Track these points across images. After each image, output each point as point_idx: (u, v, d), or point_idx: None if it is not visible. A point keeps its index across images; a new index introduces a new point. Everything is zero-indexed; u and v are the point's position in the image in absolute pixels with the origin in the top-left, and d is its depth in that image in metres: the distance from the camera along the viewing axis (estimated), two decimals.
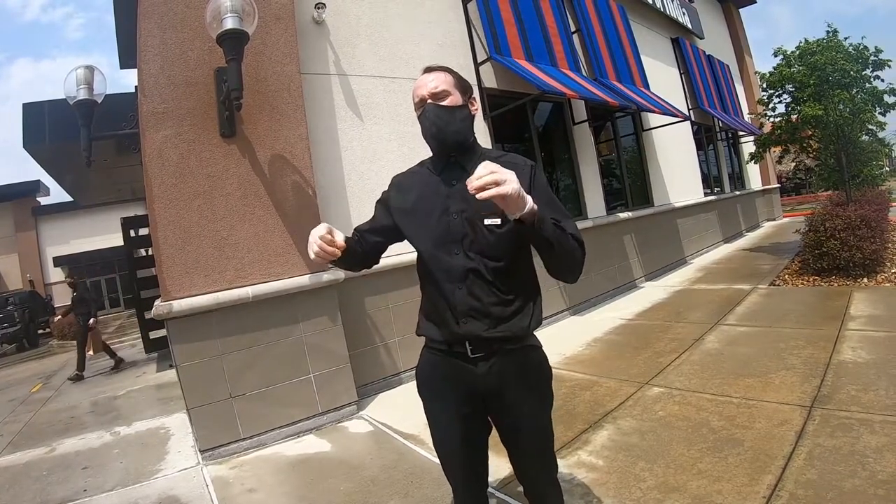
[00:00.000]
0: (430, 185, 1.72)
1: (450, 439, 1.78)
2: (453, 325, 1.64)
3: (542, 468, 1.79)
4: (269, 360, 4.03)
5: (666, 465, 2.81)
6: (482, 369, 1.65)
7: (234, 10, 3.48)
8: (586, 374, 4.48)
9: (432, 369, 1.78)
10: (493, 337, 1.62)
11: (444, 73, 1.71)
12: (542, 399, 1.75)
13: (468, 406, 1.71)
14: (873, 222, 6.60)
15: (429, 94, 1.66)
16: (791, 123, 8.74)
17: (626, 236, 8.36)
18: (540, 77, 6.12)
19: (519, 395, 1.68)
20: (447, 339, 1.68)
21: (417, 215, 1.72)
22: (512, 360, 1.66)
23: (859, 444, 2.68)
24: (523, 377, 1.68)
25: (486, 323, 1.61)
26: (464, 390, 1.70)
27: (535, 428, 1.72)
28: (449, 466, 1.84)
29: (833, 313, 5.14)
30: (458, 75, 1.75)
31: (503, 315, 1.62)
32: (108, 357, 9.26)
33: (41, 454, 4.63)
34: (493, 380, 1.66)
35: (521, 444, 1.74)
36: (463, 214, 1.61)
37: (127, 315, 23.49)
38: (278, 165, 4.24)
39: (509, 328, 1.62)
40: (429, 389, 1.82)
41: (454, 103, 1.67)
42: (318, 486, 3.20)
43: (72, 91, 4.14)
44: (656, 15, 10.95)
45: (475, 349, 1.64)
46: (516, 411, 1.69)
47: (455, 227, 1.62)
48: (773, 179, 17.07)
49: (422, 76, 1.72)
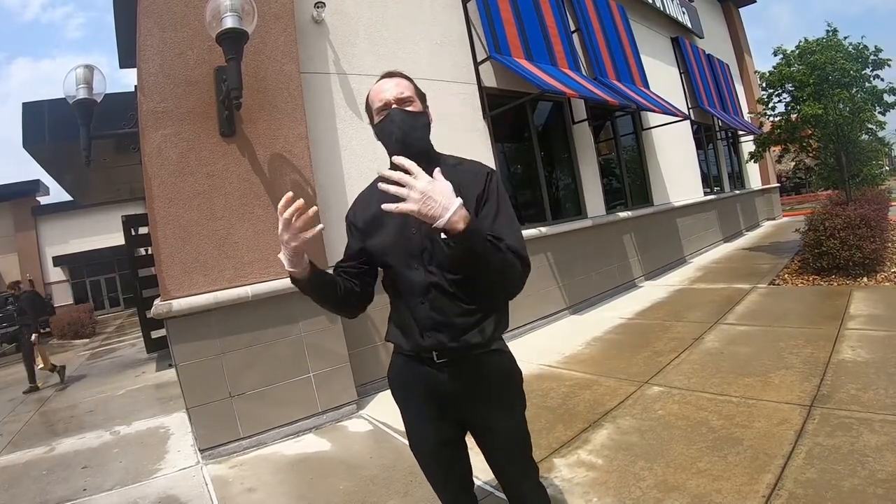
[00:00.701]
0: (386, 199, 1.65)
1: (423, 442, 1.78)
2: (418, 336, 1.64)
3: (519, 471, 1.78)
4: (269, 360, 4.03)
5: (665, 464, 2.81)
6: (449, 375, 1.65)
7: (234, 10, 3.48)
8: (586, 374, 4.48)
9: (402, 374, 1.78)
10: (457, 347, 1.61)
11: (405, 80, 1.70)
12: (511, 402, 1.74)
13: (438, 410, 1.71)
14: (873, 221, 6.60)
15: (394, 99, 1.64)
16: (791, 123, 8.74)
17: (625, 235, 8.36)
18: (539, 76, 6.12)
19: (487, 399, 1.68)
20: (414, 348, 1.67)
21: (377, 230, 1.70)
22: (478, 365, 1.66)
23: (859, 443, 2.68)
24: (490, 381, 1.68)
25: (450, 334, 1.60)
26: (433, 395, 1.69)
27: (506, 431, 1.72)
28: (425, 467, 1.83)
29: (833, 312, 5.14)
30: (416, 84, 1.74)
31: (467, 325, 1.61)
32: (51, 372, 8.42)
33: (41, 454, 4.63)
34: (460, 385, 1.66)
35: (493, 447, 1.74)
36: (421, 228, 1.57)
37: (126, 315, 23.49)
38: (278, 164, 4.23)
39: (474, 337, 1.62)
40: (400, 394, 1.82)
41: (417, 110, 1.66)
42: (318, 485, 3.20)
43: (71, 90, 4.14)
44: (656, 14, 10.94)
45: (440, 355, 1.64)
46: (486, 415, 1.70)
47: (414, 241, 1.61)
48: (772, 179, 17.08)
49: (381, 81, 1.70)
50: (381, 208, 1.58)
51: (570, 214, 7.62)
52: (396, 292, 1.70)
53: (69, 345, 14.41)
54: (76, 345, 14.20)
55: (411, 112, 1.64)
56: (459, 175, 1.60)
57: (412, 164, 1.33)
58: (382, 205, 1.36)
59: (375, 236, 1.70)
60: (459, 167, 1.67)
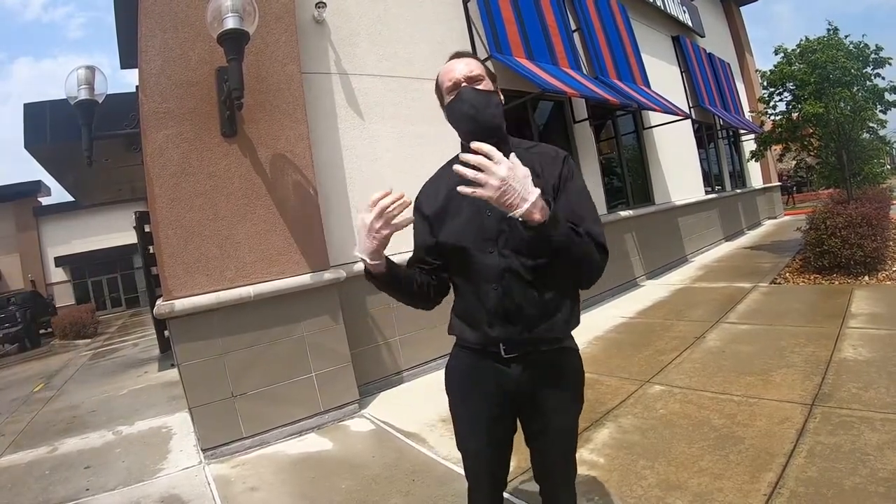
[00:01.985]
0: (457, 184, 1.62)
1: (476, 439, 1.71)
2: (487, 326, 1.57)
3: (564, 472, 1.74)
4: (271, 359, 4.04)
5: (667, 462, 2.82)
6: (516, 371, 1.59)
7: (235, 10, 3.48)
8: (587, 373, 4.42)
9: (463, 368, 1.72)
10: (528, 339, 1.55)
11: (475, 60, 1.64)
12: (573, 402, 1.69)
13: (498, 408, 1.65)
14: (874, 220, 6.59)
15: (464, 78, 1.57)
16: (792, 121, 8.74)
17: (626, 234, 8.36)
18: (540, 75, 6.12)
19: (551, 397, 1.62)
20: (480, 340, 1.61)
21: (448, 214, 1.63)
22: (547, 362, 1.60)
23: (860, 441, 2.69)
24: (557, 380, 1.63)
25: (521, 325, 1.54)
26: (495, 391, 1.63)
27: (562, 431, 1.68)
28: (471, 466, 1.77)
29: (834, 311, 5.14)
30: (486, 64, 1.67)
31: (540, 316, 1.55)
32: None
33: (43, 454, 4.64)
34: (527, 382, 1.60)
35: (546, 446, 1.69)
36: (496, 211, 1.48)
37: (129, 315, 23.53)
38: (279, 165, 4.24)
39: (546, 330, 1.56)
40: (458, 388, 1.75)
41: (489, 88, 1.60)
42: (320, 484, 3.21)
43: (73, 91, 4.14)
44: (657, 13, 10.94)
45: (509, 350, 1.57)
46: (547, 414, 1.63)
47: (489, 224, 1.54)
48: (773, 177, 17.06)
49: (450, 62, 1.63)
50: (452, 192, 1.55)
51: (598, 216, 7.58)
52: (466, 279, 1.62)
53: (71, 345, 14.41)
54: (78, 345, 14.21)
55: (482, 90, 1.57)
56: (534, 158, 1.57)
57: (493, 150, 1.28)
58: (458, 187, 1.33)
59: (448, 222, 1.62)
60: (534, 150, 1.62)
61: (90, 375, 8.66)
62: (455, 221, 1.61)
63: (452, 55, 1.66)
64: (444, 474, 3.08)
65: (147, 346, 11.07)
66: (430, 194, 1.71)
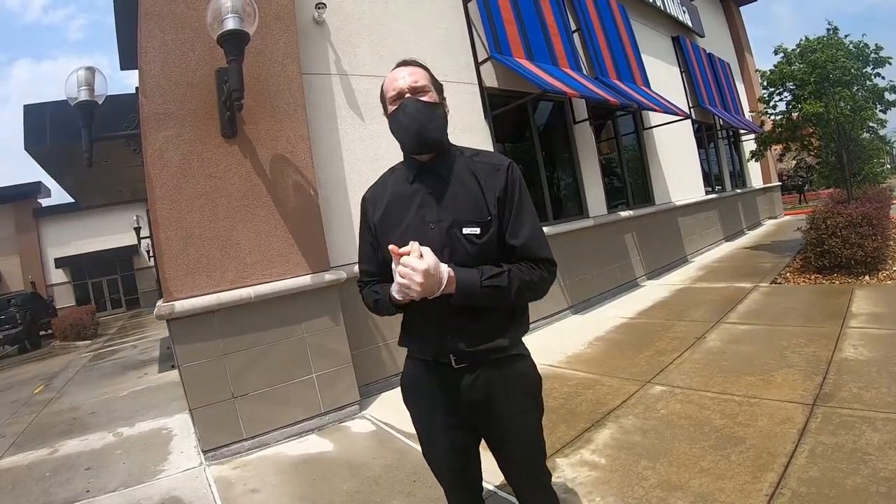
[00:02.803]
0: (401, 194, 1.63)
1: (436, 448, 1.73)
2: (436, 339, 1.59)
3: (532, 478, 1.73)
4: (271, 361, 4.04)
5: (668, 463, 2.81)
6: (467, 381, 1.60)
7: (235, 11, 3.48)
8: (588, 373, 4.48)
9: (416, 380, 1.72)
10: (477, 350, 1.56)
11: (421, 69, 1.61)
12: (529, 408, 1.68)
13: (453, 417, 1.65)
14: (875, 220, 6.59)
15: (409, 88, 1.56)
16: (792, 121, 8.74)
17: (627, 235, 8.36)
18: (541, 76, 6.12)
19: (505, 405, 1.62)
20: (430, 352, 1.63)
21: (391, 227, 1.61)
22: (497, 370, 1.61)
23: (861, 441, 2.68)
24: (509, 387, 1.62)
25: (469, 337, 1.55)
26: (449, 401, 1.64)
27: (522, 438, 1.67)
28: (438, 474, 1.78)
29: (835, 311, 5.14)
30: (433, 74, 1.65)
31: (487, 328, 1.56)
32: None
33: (44, 455, 4.64)
34: (479, 391, 1.60)
35: (509, 454, 1.69)
36: (441, 224, 1.53)
37: (129, 316, 23.54)
38: (280, 166, 4.24)
39: (494, 341, 1.57)
40: (414, 400, 1.76)
41: (433, 100, 1.58)
42: (321, 486, 3.21)
43: (73, 92, 4.14)
44: (657, 13, 10.94)
45: (459, 360, 1.58)
46: (503, 422, 1.63)
47: (432, 236, 1.52)
48: (773, 177, 17.06)
49: (396, 69, 1.61)
50: (394, 202, 1.63)
51: (572, 214, 7.62)
52: None
53: (72, 346, 14.42)
54: (79, 346, 14.22)
55: (426, 102, 1.56)
56: (478, 167, 1.59)
57: (411, 260, 1.39)
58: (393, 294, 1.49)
59: (391, 232, 1.60)
60: (476, 158, 1.63)
61: (90, 377, 8.66)
62: (398, 232, 1.58)
63: (399, 62, 1.65)
64: None
65: (147, 348, 11.07)
66: (375, 200, 1.72)
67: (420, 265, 1.37)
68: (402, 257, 1.40)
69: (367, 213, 1.73)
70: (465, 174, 1.59)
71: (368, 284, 1.75)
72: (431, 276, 1.38)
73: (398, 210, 1.61)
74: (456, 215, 1.53)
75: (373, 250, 1.71)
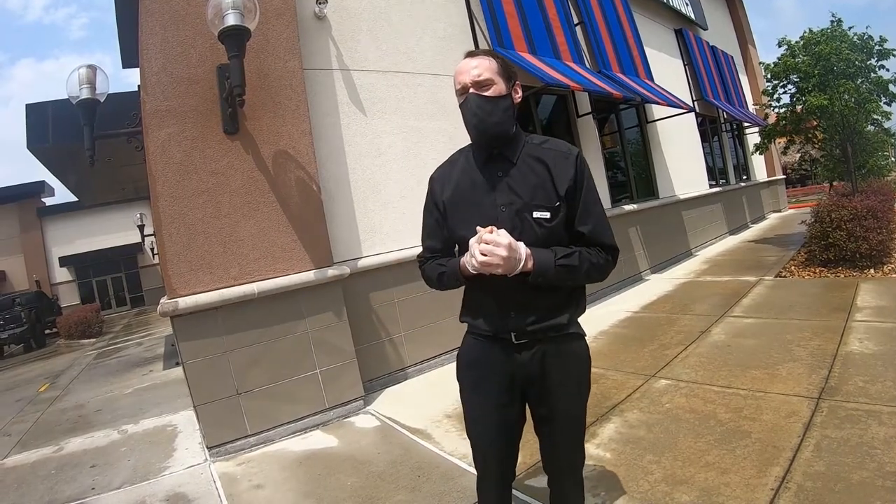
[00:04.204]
0: (471, 175, 1.70)
1: (485, 426, 1.77)
2: (498, 316, 1.66)
3: (570, 459, 1.80)
4: (275, 357, 4.04)
5: (673, 457, 2.81)
6: (525, 357, 1.66)
7: (236, 7, 3.46)
8: (593, 367, 4.45)
9: (474, 355, 1.78)
10: (537, 328, 1.63)
11: (487, 60, 1.63)
12: (579, 388, 1.75)
13: (507, 394, 1.71)
14: (879, 213, 6.56)
15: (471, 83, 1.60)
16: (796, 114, 8.69)
17: (631, 229, 8.34)
18: (543, 69, 6.10)
19: (557, 381, 1.68)
20: (492, 328, 1.69)
21: (462, 207, 1.69)
22: (555, 347, 1.67)
23: (867, 435, 2.67)
24: (564, 364, 1.69)
25: (532, 315, 1.62)
26: (505, 377, 1.70)
27: (568, 416, 1.73)
28: (480, 453, 1.81)
29: (840, 304, 5.12)
30: (503, 60, 1.67)
31: (549, 306, 1.63)
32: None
33: (49, 453, 4.66)
34: (535, 367, 1.67)
35: (553, 431, 1.75)
36: (511, 207, 1.60)
37: (134, 313, 23.61)
38: (282, 161, 4.23)
39: (555, 319, 1.64)
40: (468, 375, 1.80)
41: (498, 93, 1.60)
42: (325, 481, 3.21)
43: (74, 90, 4.13)
44: (659, 6, 10.87)
45: (519, 337, 1.65)
46: (554, 398, 1.70)
47: (503, 220, 1.59)
48: (778, 170, 16.98)
49: (464, 61, 1.65)
50: (465, 181, 1.70)
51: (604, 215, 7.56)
52: None
53: (76, 344, 14.49)
54: (83, 344, 14.28)
55: (488, 97, 1.59)
56: (546, 154, 1.64)
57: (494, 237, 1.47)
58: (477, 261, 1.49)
59: (462, 212, 1.68)
60: (546, 146, 1.67)
61: (95, 375, 8.69)
62: (469, 215, 1.64)
63: (467, 53, 1.68)
64: (449, 470, 3.08)
65: (152, 345, 11.11)
66: (443, 180, 1.77)
67: (503, 240, 1.45)
68: (485, 235, 1.47)
69: (435, 191, 1.79)
70: (533, 160, 1.65)
71: (431, 259, 1.81)
72: (513, 252, 1.46)
73: (468, 191, 1.69)
74: (526, 199, 1.59)
75: (438, 227, 1.78)
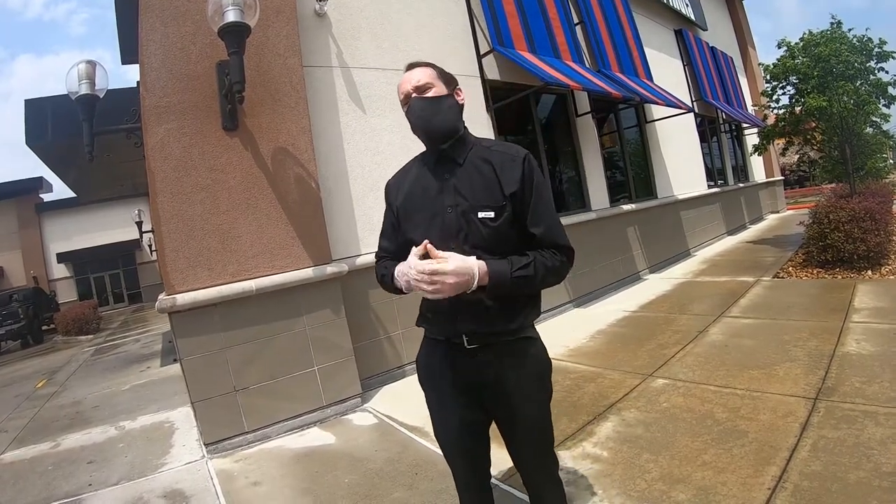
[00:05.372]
0: (421, 180, 1.73)
1: (448, 428, 1.79)
2: (450, 320, 1.65)
3: (539, 461, 1.78)
4: (273, 354, 4.04)
5: (670, 456, 2.81)
6: (478, 360, 1.66)
7: (236, 4, 3.46)
8: (590, 367, 4.48)
9: (430, 359, 1.79)
10: (489, 331, 1.63)
11: (425, 67, 1.70)
12: (538, 390, 1.73)
13: (465, 396, 1.71)
14: (877, 215, 6.58)
15: (413, 89, 1.66)
16: (795, 115, 8.70)
17: (629, 228, 8.35)
18: (543, 69, 6.10)
19: (515, 386, 1.67)
20: (445, 332, 1.69)
21: (412, 212, 1.71)
22: (508, 351, 1.67)
23: (864, 435, 2.68)
24: (519, 367, 1.68)
25: (482, 318, 1.61)
26: (461, 380, 1.70)
27: (531, 420, 1.71)
28: (449, 455, 1.85)
29: (837, 305, 5.13)
30: (441, 69, 1.73)
31: (501, 310, 1.62)
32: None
33: (46, 449, 4.65)
34: (490, 371, 1.66)
35: (517, 436, 1.73)
36: (457, 208, 1.61)
37: (131, 310, 23.59)
38: (281, 158, 4.23)
39: (506, 323, 1.63)
40: (428, 378, 1.83)
41: (438, 94, 1.66)
42: (323, 478, 3.21)
43: (73, 86, 4.12)
44: (659, 6, 10.89)
45: (471, 341, 1.65)
46: (512, 402, 1.68)
47: (450, 221, 1.61)
48: (776, 172, 17.00)
49: (405, 73, 1.72)
50: (415, 188, 1.73)
51: (574, 207, 7.60)
52: None
53: (74, 341, 14.47)
54: (81, 341, 14.26)
55: (430, 98, 1.65)
56: (493, 155, 1.66)
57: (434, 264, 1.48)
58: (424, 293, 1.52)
59: (412, 217, 1.71)
60: (494, 148, 1.69)
61: (93, 371, 8.68)
62: (419, 217, 1.69)
63: (406, 66, 1.74)
64: (447, 468, 3.06)
65: (150, 342, 11.10)
66: (397, 187, 1.82)
67: (449, 267, 1.47)
68: (427, 266, 1.48)
69: (390, 196, 1.84)
70: (480, 161, 1.66)
71: (383, 259, 1.86)
72: (462, 275, 1.47)
73: (419, 197, 1.71)
74: (471, 200, 1.61)
75: (393, 229, 1.82)
